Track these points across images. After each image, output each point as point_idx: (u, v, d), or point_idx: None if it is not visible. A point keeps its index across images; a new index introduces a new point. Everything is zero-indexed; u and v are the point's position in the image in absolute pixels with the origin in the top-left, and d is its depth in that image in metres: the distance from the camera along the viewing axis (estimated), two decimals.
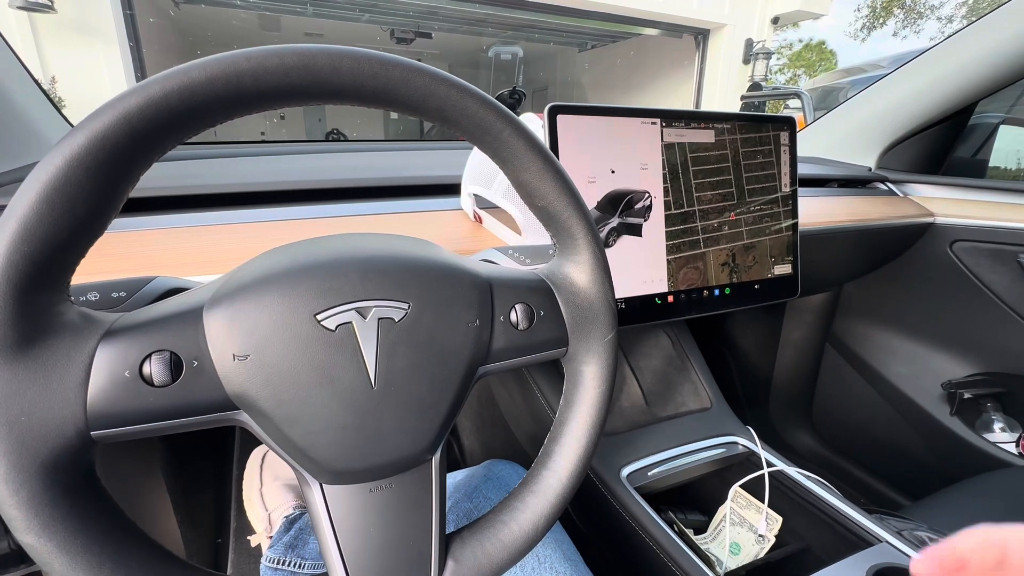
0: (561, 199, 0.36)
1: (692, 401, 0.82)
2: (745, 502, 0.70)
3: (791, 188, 0.79)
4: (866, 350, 1.23)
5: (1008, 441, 1.04)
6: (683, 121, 0.68)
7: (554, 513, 0.38)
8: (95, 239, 0.26)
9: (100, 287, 0.34)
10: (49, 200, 0.23)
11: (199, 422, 0.29)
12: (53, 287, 0.25)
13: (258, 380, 0.29)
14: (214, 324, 0.28)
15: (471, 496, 0.59)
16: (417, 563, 0.34)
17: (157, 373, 0.27)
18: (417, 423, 0.33)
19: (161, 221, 0.60)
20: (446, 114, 0.31)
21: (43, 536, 0.24)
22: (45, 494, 0.24)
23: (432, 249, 0.36)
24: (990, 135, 1.19)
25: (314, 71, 0.27)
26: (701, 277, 0.72)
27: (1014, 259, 0.98)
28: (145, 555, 0.28)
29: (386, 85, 0.29)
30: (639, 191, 0.66)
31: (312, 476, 0.32)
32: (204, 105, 0.26)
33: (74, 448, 0.25)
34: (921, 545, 0.60)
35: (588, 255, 0.38)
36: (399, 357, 0.31)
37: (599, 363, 0.40)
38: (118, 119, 0.24)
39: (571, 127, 0.61)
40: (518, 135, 0.34)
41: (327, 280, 0.30)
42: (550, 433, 0.40)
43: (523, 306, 0.37)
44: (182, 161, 0.78)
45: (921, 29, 13.43)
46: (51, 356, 0.25)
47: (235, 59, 0.26)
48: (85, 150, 0.24)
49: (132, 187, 0.27)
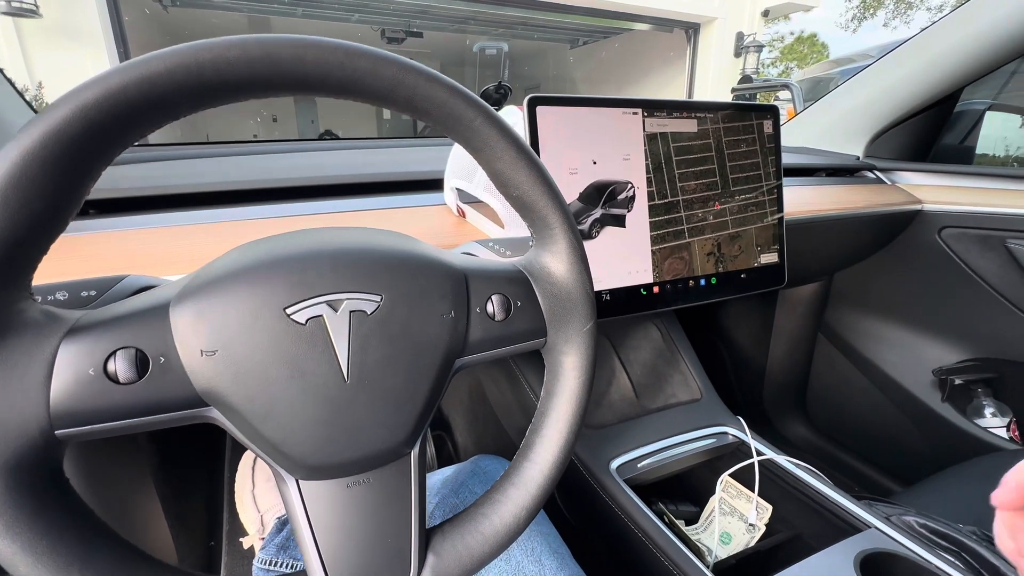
0: (536, 188, 0.36)
1: (682, 392, 0.82)
2: (735, 492, 0.70)
3: (776, 177, 0.79)
4: (858, 339, 1.23)
5: (999, 426, 1.04)
6: (665, 111, 0.68)
7: (536, 505, 0.38)
8: (55, 236, 0.26)
9: (69, 286, 0.33)
10: (3, 197, 0.23)
11: (168, 419, 0.28)
12: (12, 285, 0.25)
13: (227, 376, 0.28)
14: (181, 320, 0.28)
15: (457, 491, 0.59)
16: (397, 559, 0.34)
17: (122, 370, 0.26)
18: (393, 417, 0.32)
19: (141, 221, 0.59)
20: (415, 104, 0.31)
21: (7, 537, 0.24)
22: (8, 495, 0.24)
23: (406, 241, 0.35)
24: (976, 122, 1.19)
25: (278, 61, 0.27)
26: (686, 267, 0.72)
27: (1002, 244, 0.98)
28: (116, 556, 0.28)
29: (353, 75, 0.29)
30: (622, 182, 0.66)
31: (287, 472, 0.31)
32: (165, 97, 0.25)
33: (38, 447, 0.25)
34: (910, 530, 0.60)
35: (564, 244, 0.38)
36: (372, 350, 0.31)
37: (578, 353, 0.39)
38: (74, 112, 0.23)
39: (551, 118, 0.61)
40: (490, 123, 0.33)
41: (297, 273, 0.30)
42: (531, 425, 0.40)
43: (499, 297, 0.36)
44: (167, 161, 0.78)
45: (911, 19, 13.47)
46: (11, 355, 0.25)
47: (196, 50, 0.25)
48: (40, 144, 0.23)
49: (93, 182, 0.26)
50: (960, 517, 0.64)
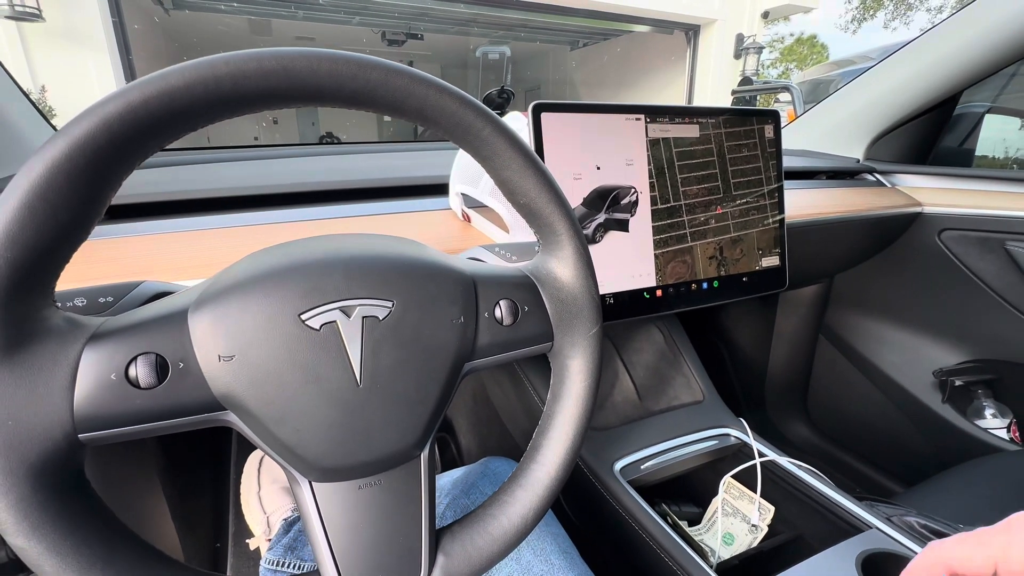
0: (542, 196, 0.37)
1: (684, 394, 0.83)
2: (738, 493, 0.71)
3: (777, 180, 0.79)
4: (858, 340, 1.24)
5: (999, 427, 1.05)
6: (667, 117, 0.69)
7: (543, 506, 0.39)
8: (79, 244, 0.27)
9: (87, 292, 0.34)
10: (31, 207, 0.23)
11: (187, 423, 0.29)
12: (37, 292, 0.26)
13: (244, 380, 0.29)
14: (199, 326, 0.29)
15: (468, 492, 0.60)
16: (408, 559, 0.35)
17: (143, 375, 0.27)
18: (404, 420, 0.33)
19: (151, 227, 0.60)
20: (426, 114, 0.32)
21: (33, 538, 0.25)
22: (34, 497, 0.25)
23: (416, 247, 0.36)
24: (976, 124, 1.20)
25: (293, 74, 0.28)
26: (689, 271, 0.72)
27: (1001, 246, 0.98)
28: (136, 556, 0.28)
29: (365, 86, 0.30)
30: (625, 187, 0.67)
31: (301, 474, 0.32)
32: (184, 110, 0.26)
33: (62, 451, 0.26)
34: (911, 531, 0.61)
35: (571, 250, 0.39)
36: (384, 355, 0.32)
37: (584, 357, 0.40)
38: (98, 125, 0.24)
39: (555, 125, 0.62)
40: (498, 133, 0.34)
41: (311, 280, 0.31)
42: (538, 427, 0.41)
43: (507, 302, 0.37)
44: (173, 167, 0.79)
45: (911, 20, 13.47)
46: (36, 361, 0.25)
47: (214, 63, 0.26)
48: (66, 156, 0.24)
49: (114, 192, 0.27)
50: (961, 518, 0.64)
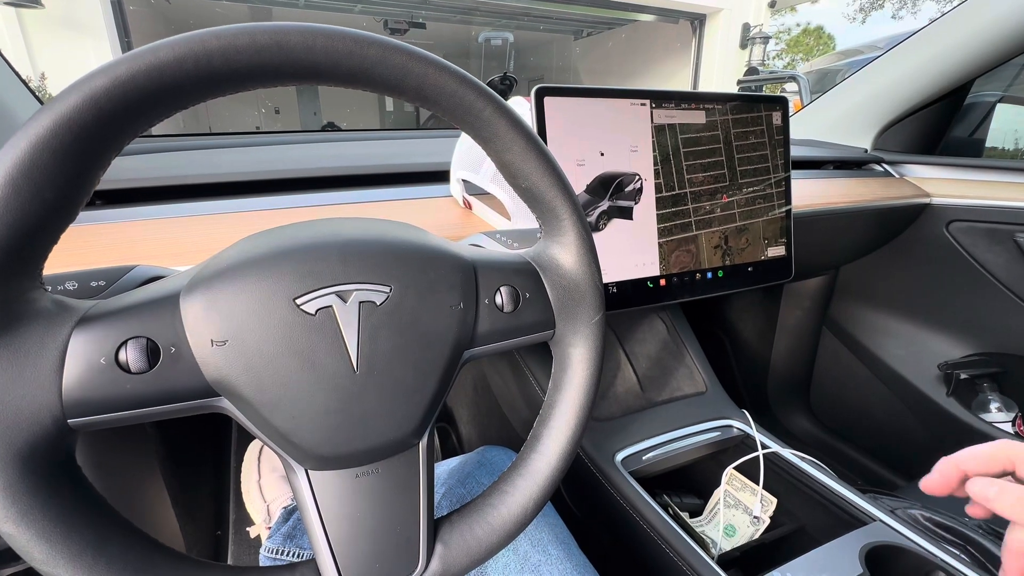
0: (545, 179, 0.36)
1: (687, 385, 0.82)
2: (740, 484, 0.70)
3: (784, 169, 0.78)
4: (863, 332, 1.23)
5: (1005, 421, 1.04)
6: (673, 102, 0.68)
7: (543, 496, 0.38)
8: (66, 225, 0.26)
9: (78, 276, 0.33)
10: (15, 185, 0.23)
11: (179, 409, 0.28)
12: (23, 274, 0.25)
13: (237, 366, 0.28)
14: (191, 310, 0.28)
15: (464, 482, 0.59)
16: (406, 548, 0.34)
17: (133, 360, 0.26)
18: (402, 407, 0.33)
19: (149, 212, 0.59)
20: (425, 93, 0.31)
21: (21, 524, 0.24)
22: (22, 482, 0.24)
23: (415, 232, 0.35)
24: (987, 114, 1.18)
25: (287, 49, 0.27)
26: (693, 260, 0.71)
27: (1010, 238, 0.97)
28: (128, 542, 0.28)
29: (362, 64, 0.28)
30: (629, 173, 0.65)
31: (297, 462, 0.32)
32: (173, 85, 0.25)
33: (51, 436, 0.25)
34: (915, 523, 0.60)
35: (574, 236, 0.38)
36: (381, 341, 0.31)
37: (586, 345, 0.39)
38: (85, 100, 0.23)
39: (559, 109, 0.61)
40: (500, 114, 0.33)
41: (306, 264, 0.30)
42: (539, 416, 0.40)
43: (508, 288, 0.36)
44: (173, 152, 0.78)
45: (919, 10, 13.29)
46: (23, 343, 0.25)
47: (204, 37, 0.25)
48: (51, 132, 0.23)
49: (103, 171, 0.26)
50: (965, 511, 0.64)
